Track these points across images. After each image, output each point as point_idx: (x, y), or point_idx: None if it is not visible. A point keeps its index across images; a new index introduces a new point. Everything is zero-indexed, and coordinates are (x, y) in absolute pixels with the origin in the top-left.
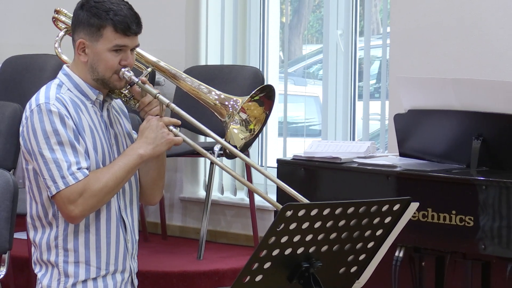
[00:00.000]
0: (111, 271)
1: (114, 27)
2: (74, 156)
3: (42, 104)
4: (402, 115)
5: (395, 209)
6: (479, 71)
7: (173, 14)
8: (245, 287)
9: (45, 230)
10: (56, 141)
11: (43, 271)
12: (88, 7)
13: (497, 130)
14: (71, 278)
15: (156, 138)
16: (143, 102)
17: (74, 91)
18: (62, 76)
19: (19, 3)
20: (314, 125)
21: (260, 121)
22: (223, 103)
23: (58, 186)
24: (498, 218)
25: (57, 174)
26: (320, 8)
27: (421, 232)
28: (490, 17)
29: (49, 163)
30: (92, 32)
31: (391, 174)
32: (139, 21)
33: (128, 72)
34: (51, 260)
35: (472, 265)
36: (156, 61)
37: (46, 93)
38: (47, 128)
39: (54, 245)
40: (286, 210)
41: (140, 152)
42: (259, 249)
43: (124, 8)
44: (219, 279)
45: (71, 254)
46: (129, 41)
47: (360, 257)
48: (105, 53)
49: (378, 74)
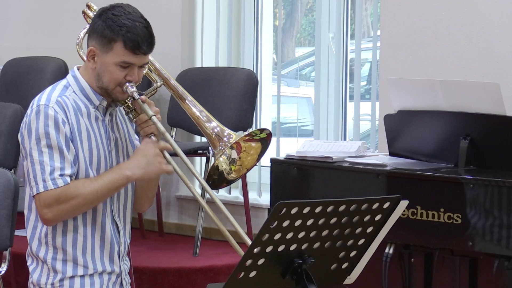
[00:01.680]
0: (99, 271)
1: (124, 44)
2: (60, 161)
3: (41, 105)
4: (392, 116)
5: (385, 207)
6: (466, 72)
7: (169, 19)
8: (239, 282)
9: (37, 224)
10: (45, 143)
11: (34, 265)
12: (105, 17)
13: (484, 130)
14: (59, 274)
15: (148, 164)
16: (140, 119)
17: (79, 94)
18: (71, 78)
19: (20, 8)
20: (306, 126)
21: (241, 170)
22: (218, 135)
23: (38, 188)
24: (485, 215)
25: (40, 176)
26: (312, 11)
27: (411, 229)
28: (476, 21)
29: (35, 164)
30: (104, 43)
31: (381, 173)
32: (151, 41)
33: (131, 87)
34: (40, 255)
35: (460, 261)
36: (167, 77)
37: (49, 94)
38: (40, 130)
39: (45, 242)
40: (280, 208)
41: (127, 174)
42: (253, 245)
43: (139, 26)
44: (214, 275)
45: (59, 252)
46: (136, 60)
47: (351, 254)
48: (112, 66)
49: (369, 76)
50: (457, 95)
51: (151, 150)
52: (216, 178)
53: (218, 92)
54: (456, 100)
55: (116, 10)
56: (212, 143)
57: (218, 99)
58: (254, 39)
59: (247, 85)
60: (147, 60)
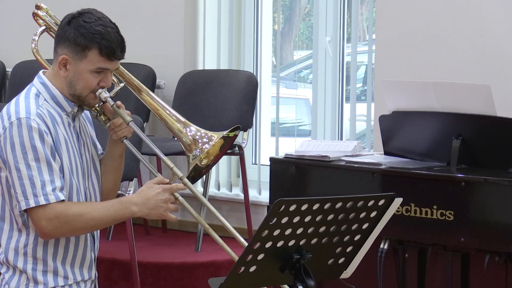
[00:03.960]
0: (78, 280)
1: (99, 51)
2: (49, 174)
3: (22, 119)
4: (386, 116)
5: (380, 204)
6: (458, 75)
7: (173, 23)
8: (240, 277)
9: (13, 234)
10: (33, 157)
11: (10, 272)
12: (76, 25)
13: (476, 130)
14: (40, 284)
15: (155, 208)
16: (114, 123)
17: (51, 102)
18: (39, 84)
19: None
20: (304, 126)
21: (209, 156)
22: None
23: (28, 203)
24: (476, 212)
25: (30, 191)
26: (310, 16)
27: (405, 225)
28: (468, 26)
29: (24, 178)
30: (77, 51)
31: (376, 171)
32: (124, 46)
33: (105, 93)
34: (18, 266)
35: (452, 257)
36: (130, 78)
37: (26, 106)
38: (26, 143)
39: (23, 252)
40: (279, 205)
41: (134, 210)
42: (253, 241)
43: (112, 31)
44: (216, 270)
45: (40, 263)
46: (111, 65)
47: (347, 249)
48: (86, 73)
49: (364, 78)
50: (449, 96)
51: (163, 196)
52: (194, 174)
53: (220, 94)
54: (448, 101)
55: (87, 17)
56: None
57: (220, 100)
58: (254, 42)
59: (247, 86)
60: (119, 65)
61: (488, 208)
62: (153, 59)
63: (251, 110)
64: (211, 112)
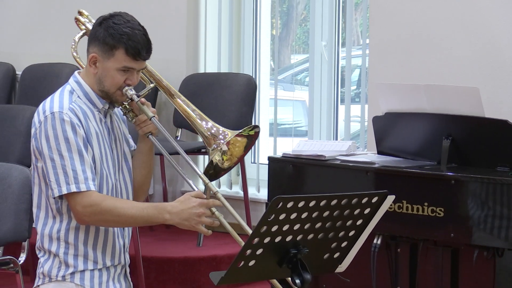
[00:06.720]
0: (107, 265)
1: (125, 51)
2: (81, 164)
3: (56, 113)
4: (380, 117)
5: (373, 201)
6: (449, 77)
7: (175, 27)
8: (239, 271)
9: (48, 221)
10: (66, 148)
11: (46, 256)
12: (106, 26)
13: (465, 131)
14: (70, 267)
15: (188, 220)
16: (139, 119)
17: (84, 99)
18: (74, 83)
19: (39, 17)
20: (301, 126)
21: (232, 158)
22: (214, 135)
23: (61, 190)
24: (465, 209)
25: (63, 179)
26: (307, 22)
27: (397, 222)
28: (459, 30)
29: (57, 168)
30: (105, 50)
31: (370, 170)
32: (149, 48)
33: (130, 90)
34: (52, 250)
35: (442, 251)
36: (159, 79)
37: (60, 101)
38: (59, 135)
39: (56, 237)
40: (277, 202)
41: (166, 218)
42: (252, 237)
43: (139, 33)
44: (217, 264)
45: (71, 247)
46: (136, 65)
47: (342, 244)
48: (113, 71)
49: (358, 80)
50: (440, 98)
51: (198, 210)
52: (212, 172)
53: (220, 96)
54: (439, 103)
55: (116, 19)
56: (207, 142)
57: (220, 102)
58: (253, 47)
59: (246, 89)
60: (145, 65)
61: (477, 205)
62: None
63: (250, 111)
64: (212, 113)
